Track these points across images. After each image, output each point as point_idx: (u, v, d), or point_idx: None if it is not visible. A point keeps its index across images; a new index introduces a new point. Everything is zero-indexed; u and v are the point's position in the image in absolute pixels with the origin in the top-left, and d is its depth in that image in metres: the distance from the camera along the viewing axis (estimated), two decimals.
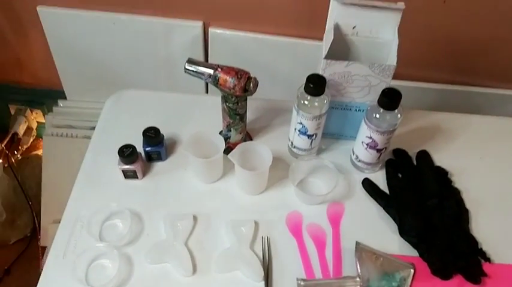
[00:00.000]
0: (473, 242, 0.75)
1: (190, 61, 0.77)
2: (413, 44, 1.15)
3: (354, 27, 0.80)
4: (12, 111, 1.61)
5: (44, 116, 1.61)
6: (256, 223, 0.78)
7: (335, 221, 0.79)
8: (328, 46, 0.76)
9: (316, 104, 0.78)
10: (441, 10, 1.10)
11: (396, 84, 0.78)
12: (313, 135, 0.82)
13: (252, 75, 0.78)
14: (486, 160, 0.89)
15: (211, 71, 0.76)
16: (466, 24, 1.13)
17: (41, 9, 1.25)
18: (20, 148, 1.60)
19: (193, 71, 0.77)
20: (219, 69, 0.76)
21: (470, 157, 0.90)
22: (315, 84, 0.75)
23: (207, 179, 0.85)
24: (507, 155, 0.91)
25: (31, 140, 1.64)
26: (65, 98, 1.50)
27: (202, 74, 0.77)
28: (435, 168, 0.85)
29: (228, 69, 0.76)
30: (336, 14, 0.78)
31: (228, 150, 0.84)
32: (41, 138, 1.67)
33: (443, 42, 1.18)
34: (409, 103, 0.96)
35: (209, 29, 1.22)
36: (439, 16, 1.11)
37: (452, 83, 1.27)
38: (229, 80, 0.76)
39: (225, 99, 0.80)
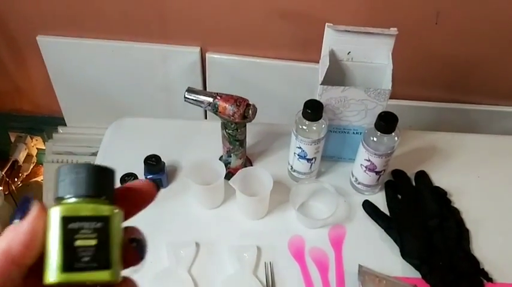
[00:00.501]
0: (475, 262, 0.75)
1: (190, 90, 0.79)
2: (408, 64, 1.17)
3: (348, 53, 0.81)
4: (12, 139, 1.61)
5: (43, 142, 1.62)
6: (258, 249, 0.78)
7: (337, 244, 0.79)
8: (324, 72, 0.77)
9: (314, 128, 0.79)
10: (433, 31, 1.12)
11: (392, 103, 0.79)
12: (312, 159, 0.83)
13: (249, 99, 0.79)
14: (483, 178, 0.91)
15: (210, 99, 0.78)
16: (458, 44, 1.15)
17: (41, 39, 1.27)
18: (20, 175, 1.60)
19: (193, 99, 0.79)
20: (218, 97, 0.78)
21: (467, 176, 0.91)
22: (313, 110, 0.77)
23: (209, 205, 0.86)
24: (503, 173, 0.92)
25: (31, 167, 1.64)
26: (64, 124, 1.51)
27: (201, 102, 0.78)
28: (434, 188, 0.86)
29: (227, 97, 0.78)
30: (331, 41, 0.80)
31: (228, 175, 0.85)
32: (41, 164, 1.68)
33: (436, 61, 1.20)
34: (405, 122, 0.97)
35: (206, 54, 1.24)
36: (432, 37, 1.13)
37: (447, 101, 1.29)
38: (229, 108, 0.77)
39: (224, 126, 0.82)
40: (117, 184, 0.29)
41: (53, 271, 0.25)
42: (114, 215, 0.27)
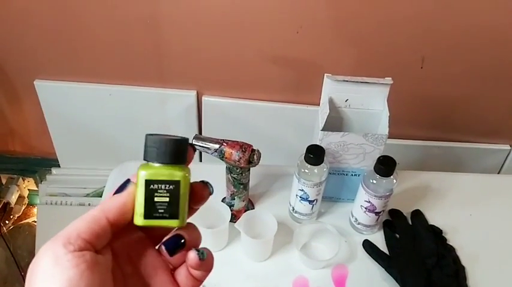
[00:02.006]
0: None
1: (197, 137, 0.82)
2: (395, 105, 1.22)
3: (346, 100, 0.86)
4: (4, 180, 1.61)
5: (36, 184, 1.62)
6: None
7: (340, 284, 0.82)
8: (325, 119, 0.82)
9: (316, 172, 0.83)
10: (419, 74, 1.19)
11: None
12: (314, 200, 0.87)
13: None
14: (475, 216, 0.95)
15: (217, 146, 0.81)
16: (443, 86, 1.22)
17: (38, 83, 1.30)
18: (11, 217, 1.59)
19: (200, 146, 0.82)
20: (225, 144, 0.81)
21: (460, 214, 0.95)
22: (315, 155, 0.81)
23: (214, 247, 0.87)
24: (494, 211, 0.97)
25: (23, 208, 1.63)
26: (58, 165, 1.51)
27: (208, 148, 0.81)
28: (430, 227, 0.90)
29: (232, 144, 0.81)
30: (330, 89, 0.85)
31: (231, 217, 0.87)
32: (32, 205, 1.67)
33: (422, 102, 1.27)
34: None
35: (202, 97, 1.28)
36: (418, 80, 1.20)
37: (433, 139, 1.35)
38: (235, 154, 0.80)
39: (229, 170, 0.85)
40: None
41: (138, 217, 0.35)
42: (183, 179, 0.36)
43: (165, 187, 0.35)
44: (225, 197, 0.93)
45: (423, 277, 0.80)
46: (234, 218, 0.89)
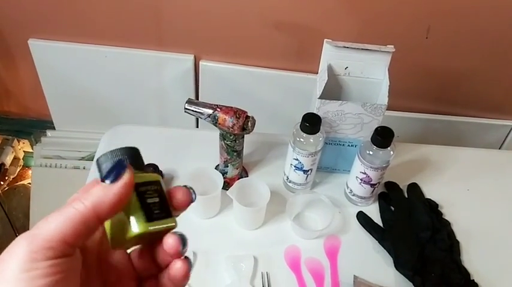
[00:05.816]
0: (466, 273, 0.78)
1: (190, 101, 0.79)
2: (396, 76, 1.19)
3: (346, 68, 0.83)
4: None
5: (31, 146, 1.60)
6: (255, 259, 0.79)
7: (332, 254, 0.81)
8: (323, 86, 0.79)
9: (311, 141, 0.80)
10: (424, 45, 1.15)
11: None
12: (308, 170, 0.85)
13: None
14: (473, 191, 0.93)
15: (210, 111, 0.79)
16: (447, 57, 1.18)
17: (32, 42, 1.26)
18: (6, 178, 1.58)
19: (193, 111, 0.79)
20: (218, 109, 0.79)
21: (457, 189, 0.93)
22: (311, 124, 0.78)
23: (205, 214, 0.86)
24: (492, 187, 0.95)
25: (18, 170, 1.62)
26: (53, 128, 1.49)
27: (201, 113, 0.79)
28: (426, 200, 0.89)
29: (226, 109, 0.79)
30: (329, 56, 0.82)
31: (224, 185, 0.85)
32: (27, 167, 1.66)
33: (425, 74, 1.23)
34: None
35: (200, 62, 1.25)
36: (422, 50, 1.16)
37: (434, 113, 1.32)
38: (228, 120, 0.78)
39: (223, 137, 0.83)
40: None
41: (139, 223, 0.32)
42: (160, 179, 0.35)
43: (151, 187, 0.34)
44: (218, 165, 0.91)
45: (416, 251, 0.78)
46: (227, 185, 0.87)
